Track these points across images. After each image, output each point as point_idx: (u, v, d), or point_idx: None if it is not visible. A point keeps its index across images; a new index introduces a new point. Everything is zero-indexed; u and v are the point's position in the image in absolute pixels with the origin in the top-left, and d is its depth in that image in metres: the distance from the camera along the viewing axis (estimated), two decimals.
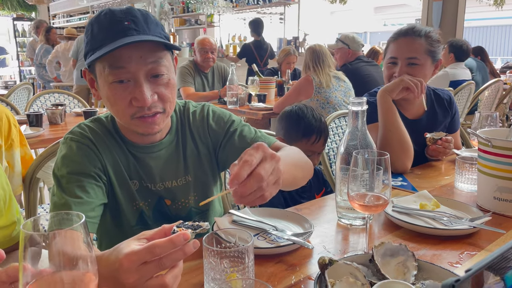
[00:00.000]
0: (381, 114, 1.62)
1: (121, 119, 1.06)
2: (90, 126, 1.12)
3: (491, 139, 1.18)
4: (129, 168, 1.13)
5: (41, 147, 2.38)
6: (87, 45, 1.03)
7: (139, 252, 0.66)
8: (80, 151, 1.07)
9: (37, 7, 9.99)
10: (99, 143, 1.10)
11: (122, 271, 0.67)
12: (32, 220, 0.59)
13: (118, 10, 1.01)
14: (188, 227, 0.74)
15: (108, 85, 1.00)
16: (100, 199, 1.05)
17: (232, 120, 1.23)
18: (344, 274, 0.77)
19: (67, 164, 1.05)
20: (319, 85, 3.08)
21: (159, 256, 0.66)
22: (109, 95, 1.01)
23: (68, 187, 1.01)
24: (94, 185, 1.04)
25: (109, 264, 0.69)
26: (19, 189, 1.62)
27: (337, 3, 8.72)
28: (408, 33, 1.68)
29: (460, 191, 1.41)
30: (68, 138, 1.09)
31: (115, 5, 7.86)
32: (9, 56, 11.90)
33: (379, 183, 0.93)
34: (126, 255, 0.67)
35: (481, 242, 1.02)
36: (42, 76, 6.96)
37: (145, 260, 0.66)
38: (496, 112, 1.66)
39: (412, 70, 1.65)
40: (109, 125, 1.14)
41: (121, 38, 0.96)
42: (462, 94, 4.28)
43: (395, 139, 1.58)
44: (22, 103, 3.94)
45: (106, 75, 1.00)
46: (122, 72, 0.98)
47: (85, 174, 1.04)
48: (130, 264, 0.66)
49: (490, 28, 17.95)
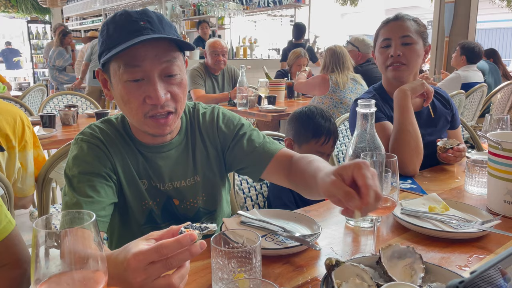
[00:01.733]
0: (399, 112, 1.61)
1: (134, 117, 1.06)
2: (100, 127, 1.14)
3: (501, 142, 1.17)
4: (138, 168, 1.14)
5: (54, 148, 2.42)
6: (102, 45, 1.04)
7: (147, 252, 0.68)
8: (90, 151, 1.08)
9: (51, 10, 10.13)
10: (109, 143, 1.11)
11: (130, 271, 0.68)
12: (44, 218, 0.60)
13: (133, 11, 1.02)
14: (196, 228, 0.75)
15: (122, 84, 1.02)
16: (110, 199, 1.07)
17: (241, 124, 1.24)
18: (350, 275, 0.77)
19: (78, 164, 1.06)
20: (336, 85, 3.10)
21: (166, 256, 0.68)
22: (123, 93, 1.03)
23: (79, 186, 1.03)
24: (104, 184, 1.06)
25: (117, 263, 0.70)
26: (31, 189, 1.65)
27: (348, 5, 8.71)
28: (397, 17, 1.71)
29: (470, 194, 1.40)
30: (79, 139, 1.11)
31: (128, 7, 7.93)
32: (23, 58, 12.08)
33: (388, 186, 0.93)
34: (134, 255, 0.68)
35: (491, 246, 1.02)
36: (55, 77, 7.05)
37: (152, 260, 0.68)
38: (507, 115, 1.64)
39: (406, 49, 1.66)
40: (119, 126, 1.16)
41: (137, 37, 0.98)
42: (474, 97, 4.24)
43: (413, 140, 1.57)
44: (36, 105, 4.01)
45: (121, 74, 1.01)
46: (137, 70, 1.00)
47: (96, 174, 1.06)
48: (138, 263, 0.68)
49: (503, 30, 17.72)
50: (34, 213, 2.36)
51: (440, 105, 1.82)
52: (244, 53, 7.70)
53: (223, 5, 7.83)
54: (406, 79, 1.70)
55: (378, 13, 14.80)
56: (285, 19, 8.84)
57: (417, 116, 1.72)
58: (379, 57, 1.74)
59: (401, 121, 1.60)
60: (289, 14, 8.72)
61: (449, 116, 1.83)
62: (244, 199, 1.63)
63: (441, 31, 6.45)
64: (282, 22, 8.97)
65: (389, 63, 1.70)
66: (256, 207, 1.66)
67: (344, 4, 8.73)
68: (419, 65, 1.71)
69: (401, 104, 1.61)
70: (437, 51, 6.49)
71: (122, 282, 0.70)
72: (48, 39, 10.00)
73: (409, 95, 1.61)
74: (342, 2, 8.72)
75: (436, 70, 6.38)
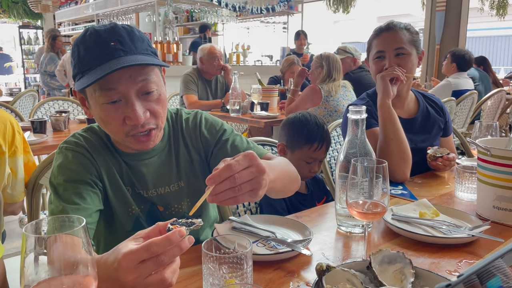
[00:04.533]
0: (381, 122, 1.62)
1: (116, 136, 1.07)
2: (84, 135, 1.14)
3: (490, 148, 1.18)
4: (122, 175, 1.14)
5: (45, 154, 2.40)
6: (75, 68, 1.03)
7: (137, 251, 0.68)
8: (75, 159, 1.08)
9: (43, 15, 10.09)
10: (93, 151, 1.11)
11: (121, 271, 0.68)
12: (34, 224, 0.60)
13: (102, 29, 1.00)
14: (182, 224, 0.75)
15: (100, 106, 1.02)
16: (96, 205, 1.06)
17: (224, 129, 1.24)
18: (341, 280, 0.78)
19: (63, 172, 1.06)
20: (328, 94, 3.10)
21: (157, 253, 0.68)
22: (102, 115, 1.03)
23: (65, 194, 1.02)
24: (90, 191, 1.06)
25: (108, 265, 0.71)
26: (21, 195, 1.64)
27: (340, 13, 8.78)
28: (389, 27, 1.70)
29: (460, 200, 1.41)
30: (63, 148, 1.10)
31: (120, 14, 7.93)
32: (15, 63, 12.00)
33: (378, 191, 0.93)
34: (124, 255, 0.68)
35: (480, 251, 1.03)
36: (46, 83, 7.01)
37: (143, 259, 0.68)
38: (496, 122, 1.66)
39: (400, 60, 1.66)
40: (101, 134, 1.15)
41: (109, 60, 0.97)
42: (464, 104, 4.29)
43: (396, 148, 1.58)
44: (27, 110, 3.98)
45: (97, 97, 1.01)
46: (113, 93, 0.99)
47: (82, 181, 1.05)
48: (128, 263, 0.68)
49: (494, 38, 17.97)
50: (24, 220, 2.33)
51: (433, 112, 1.83)
52: (237, 59, 7.72)
53: (216, 12, 7.86)
54: (401, 89, 1.70)
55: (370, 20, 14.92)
56: (278, 26, 8.89)
57: (410, 123, 1.73)
58: (373, 67, 1.74)
59: (384, 130, 1.61)
60: (282, 21, 8.77)
61: (442, 124, 1.84)
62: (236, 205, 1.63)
63: (432, 38, 6.54)
64: (275, 29, 9.02)
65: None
66: (248, 213, 1.66)
67: (336, 11, 8.79)
68: (414, 74, 1.73)
69: (382, 114, 1.62)
70: (428, 58, 6.57)
71: (114, 283, 0.70)
72: (40, 45, 9.95)
73: (386, 101, 1.62)
74: (334, 10, 8.79)
75: (427, 77, 6.45)
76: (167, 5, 6.71)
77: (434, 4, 6.43)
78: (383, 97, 1.62)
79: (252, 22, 9.49)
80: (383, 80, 1.63)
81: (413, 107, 1.79)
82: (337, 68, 3.17)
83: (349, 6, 8.74)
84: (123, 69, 0.97)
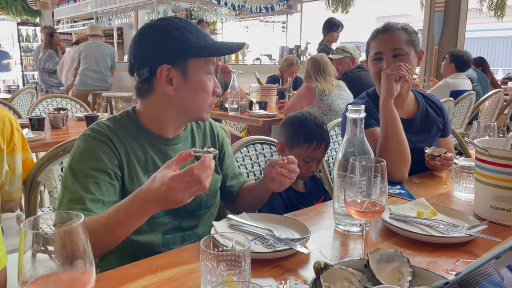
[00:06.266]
0: (383, 121, 1.61)
1: (202, 105, 1.21)
2: (107, 124, 1.18)
3: (488, 148, 1.19)
4: (147, 162, 1.19)
5: (42, 151, 2.39)
6: (183, 44, 1.14)
7: (182, 175, 0.89)
8: (98, 148, 1.12)
9: (41, 12, 10.06)
10: (115, 140, 1.15)
11: (170, 191, 0.89)
12: (32, 220, 0.60)
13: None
14: (204, 152, 0.95)
15: (203, 77, 1.18)
16: (111, 197, 1.10)
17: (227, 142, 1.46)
18: (339, 278, 0.78)
19: (86, 159, 1.10)
20: (322, 92, 3.12)
21: (197, 175, 0.89)
22: (202, 84, 1.18)
23: (84, 182, 1.07)
24: (108, 183, 1.10)
25: (154, 190, 0.91)
26: (19, 192, 1.64)
27: (339, 13, 8.78)
28: (387, 28, 1.70)
29: (458, 200, 1.41)
30: (87, 135, 1.14)
31: (119, 11, 7.91)
32: (13, 60, 11.96)
33: (376, 190, 0.94)
34: (172, 179, 0.89)
35: (477, 250, 1.03)
36: (45, 80, 6.99)
37: (188, 181, 0.89)
38: (494, 122, 1.67)
39: (398, 61, 1.65)
40: (125, 122, 1.21)
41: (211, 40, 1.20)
42: (462, 104, 4.30)
43: (396, 148, 1.58)
44: (25, 107, 3.96)
45: (204, 68, 1.17)
46: (212, 66, 1.20)
47: (102, 171, 1.10)
48: (177, 184, 0.88)
49: (492, 39, 18.00)
50: (21, 217, 2.32)
51: (432, 112, 1.83)
52: (236, 58, 7.72)
53: (216, 10, 7.85)
54: (401, 88, 1.71)
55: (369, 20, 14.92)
56: (277, 25, 8.89)
57: (410, 123, 1.73)
58: (371, 68, 1.75)
59: (385, 129, 1.61)
60: (281, 20, 8.77)
61: (441, 124, 1.84)
62: None
63: (430, 39, 6.54)
64: (274, 28, 9.01)
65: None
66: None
67: (335, 11, 8.79)
68: (412, 74, 1.73)
69: (384, 113, 1.62)
70: (426, 59, 6.58)
71: (161, 203, 0.92)
72: (38, 42, 9.92)
73: (389, 100, 1.61)
74: (333, 10, 8.78)
75: (426, 77, 6.46)
76: (166, 3, 6.71)
77: (433, 5, 6.44)
78: (386, 96, 1.62)
79: (251, 21, 9.48)
80: (388, 79, 1.62)
81: (413, 107, 1.80)
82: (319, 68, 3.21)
83: (348, 6, 8.75)
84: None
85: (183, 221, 1.23)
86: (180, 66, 1.15)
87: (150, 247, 1.17)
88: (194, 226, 1.26)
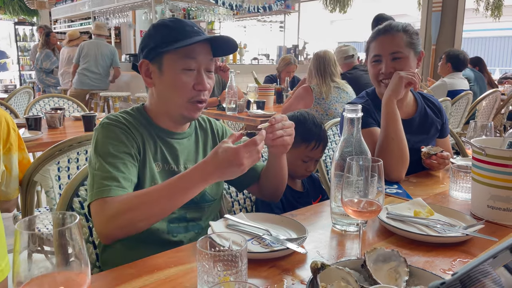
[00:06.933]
0: (384, 120, 1.61)
1: (178, 101, 1.23)
2: (121, 115, 1.26)
3: (485, 148, 1.19)
4: (156, 152, 1.26)
5: (39, 151, 2.38)
6: (155, 40, 1.22)
7: (247, 144, 1.04)
8: (120, 132, 1.19)
9: (38, 12, 10.04)
10: (132, 127, 1.23)
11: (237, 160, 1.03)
12: (27, 220, 0.59)
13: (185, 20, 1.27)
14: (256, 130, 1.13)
15: (177, 71, 1.21)
16: (135, 177, 1.18)
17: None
18: (336, 278, 0.78)
19: (110, 143, 1.17)
20: (319, 96, 3.09)
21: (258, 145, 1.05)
22: (177, 79, 1.21)
23: (113, 162, 1.13)
24: (132, 164, 1.17)
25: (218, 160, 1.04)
26: (16, 192, 1.63)
27: (337, 12, 8.78)
28: (387, 29, 1.69)
29: (455, 199, 1.41)
30: (105, 123, 1.21)
31: (116, 11, 7.90)
32: (10, 60, 11.93)
33: (373, 190, 0.94)
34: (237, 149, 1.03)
35: (474, 250, 1.03)
36: (42, 80, 6.98)
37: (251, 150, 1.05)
38: (491, 122, 1.67)
39: (397, 64, 1.66)
40: (136, 115, 1.28)
41: (193, 36, 1.20)
42: (459, 104, 4.31)
43: (396, 148, 1.58)
44: (22, 107, 3.95)
45: (178, 63, 1.20)
46: (192, 62, 1.21)
47: (127, 153, 1.17)
48: (242, 153, 1.03)
49: (489, 39, 18.05)
50: (18, 217, 2.32)
51: (431, 112, 1.83)
52: (233, 58, 7.71)
53: (213, 10, 7.84)
54: None
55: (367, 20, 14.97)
56: (275, 25, 8.89)
57: (408, 123, 1.73)
58: (371, 69, 1.75)
59: (386, 128, 1.60)
60: (279, 20, 8.77)
61: (439, 125, 1.85)
62: (231, 203, 1.63)
63: (428, 39, 6.56)
64: (271, 28, 9.01)
65: (381, 78, 1.71)
66: (244, 211, 1.66)
67: (333, 11, 8.79)
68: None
69: (386, 111, 1.62)
70: (424, 59, 6.58)
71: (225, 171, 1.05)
72: (35, 41, 9.89)
73: (393, 99, 1.61)
74: (331, 9, 8.78)
75: (423, 77, 6.47)
76: (164, 3, 6.70)
77: (430, 5, 6.46)
78: (391, 95, 1.61)
79: (249, 21, 9.48)
80: (400, 81, 1.61)
81: (412, 108, 1.79)
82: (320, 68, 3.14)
83: (345, 6, 8.74)
84: (203, 44, 1.22)
85: (188, 212, 1.27)
86: (156, 61, 1.23)
87: (156, 233, 1.21)
88: (197, 218, 1.30)
